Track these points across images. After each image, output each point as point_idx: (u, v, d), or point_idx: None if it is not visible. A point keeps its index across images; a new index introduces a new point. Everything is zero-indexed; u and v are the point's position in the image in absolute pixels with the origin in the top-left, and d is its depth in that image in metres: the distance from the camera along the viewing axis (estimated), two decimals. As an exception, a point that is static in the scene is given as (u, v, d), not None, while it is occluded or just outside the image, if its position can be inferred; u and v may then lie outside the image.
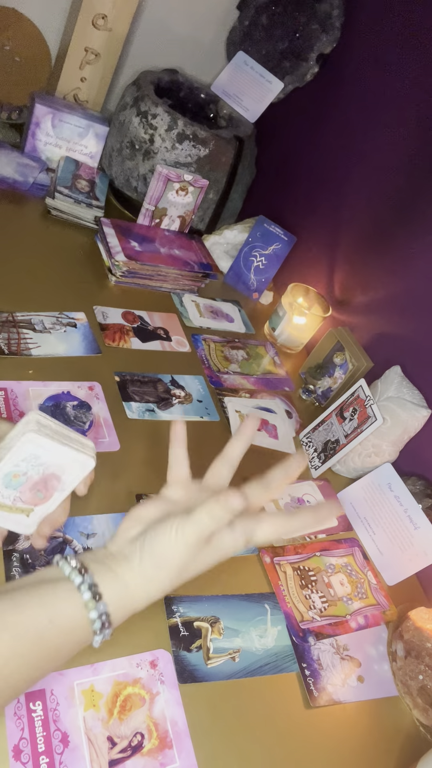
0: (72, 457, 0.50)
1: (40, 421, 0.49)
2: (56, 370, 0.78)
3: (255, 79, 1.14)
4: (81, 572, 0.45)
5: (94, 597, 0.44)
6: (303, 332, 1.03)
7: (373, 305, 0.96)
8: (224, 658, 0.60)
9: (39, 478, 0.51)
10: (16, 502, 0.52)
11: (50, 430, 0.49)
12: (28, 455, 0.49)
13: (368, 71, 1.00)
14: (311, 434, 0.88)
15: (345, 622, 0.69)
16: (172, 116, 1.04)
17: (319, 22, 1.06)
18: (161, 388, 0.85)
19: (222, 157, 1.09)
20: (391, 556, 0.76)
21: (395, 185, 0.93)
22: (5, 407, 0.70)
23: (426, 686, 0.63)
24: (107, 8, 1.09)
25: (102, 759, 0.49)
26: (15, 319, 0.82)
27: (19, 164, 1.09)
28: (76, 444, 0.51)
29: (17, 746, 0.47)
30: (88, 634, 0.45)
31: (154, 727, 0.52)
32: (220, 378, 0.92)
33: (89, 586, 0.45)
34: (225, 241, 1.14)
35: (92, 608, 0.44)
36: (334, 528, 0.79)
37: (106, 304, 0.93)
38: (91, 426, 0.74)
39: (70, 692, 0.52)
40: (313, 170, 1.12)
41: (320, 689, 0.61)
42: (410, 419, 0.81)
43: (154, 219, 1.08)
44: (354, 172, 1.02)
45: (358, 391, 0.85)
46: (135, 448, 0.74)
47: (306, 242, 1.12)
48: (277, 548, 0.72)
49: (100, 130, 1.13)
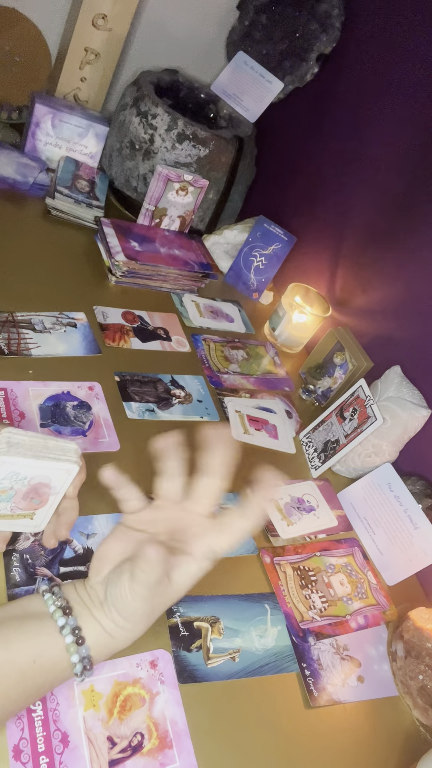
0: (53, 467, 0.50)
1: (11, 440, 0.48)
2: (56, 370, 0.78)
3: (255, 79, 1.14)
4: (65, 613, 0.46)
5: (77, 641, 0.45)
6: (303, 332, 1.03)
7: (373, 305, 0.96)
8: (224, 658, 0.60)
9: (27, 489, 0.51)
10: (14, 511, 0.53)
11: (23, 447, 0.48)
12: (8, 474, 0.49)
13: (368, 71, 1.00)
14: (311, 434, 0.88)
15: (345, 622, 0.69)
16: (172, 116, 1.04)
17: (319, 22, 1.06)
18: (161, 388, 0.85)
19: (222, 157, 1.09)
20: (391, 556, 0.76)
21: (395, 185, 0.93)
22: (5, 407, 0.70)
23: (426, 686, 0.63)
24: (107, 8, 1.09)
25: (102, 759, 0.49)
26: (15, 319, 0.82)
27: (19, 164, 1.09)
28: (56, 451, 0.50)
29: (17, 746, 0.47)
30: (70, 674, 0.46)
31: (154, 727, 0.52)
32: (220, 378, 0.92)
33: (72, 630, 0.46)
34: (225, 241, 1.14)
35: (74, 652, 0.45)
36: (334, 528, 0.79)
37: (106, 304, 0.93)
38: (91, 426, 0.74)
39: (70, 692, 0.51)
40: (313, 170, 1.12)
41: (320, 689, 0.61)
42: (410, 419, 0.81)
43: (154, 219, 1.08)
44: (354, 171, 1.02)
45: (358, 391, 0.85)
46: (135, 448, 0.74)
47: (306, 242, 1.12)
48: (277, 548, 0.73)
49: (100, 130, 1.13)
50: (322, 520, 0.79)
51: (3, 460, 0.47)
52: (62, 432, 0.71)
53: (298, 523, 0.77)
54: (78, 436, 0.72)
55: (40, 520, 0.55)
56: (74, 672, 0.46)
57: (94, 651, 0.47)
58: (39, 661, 0.44)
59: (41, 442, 0.50)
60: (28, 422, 0.70)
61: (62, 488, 0.52)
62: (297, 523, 0.76)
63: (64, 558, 0.60)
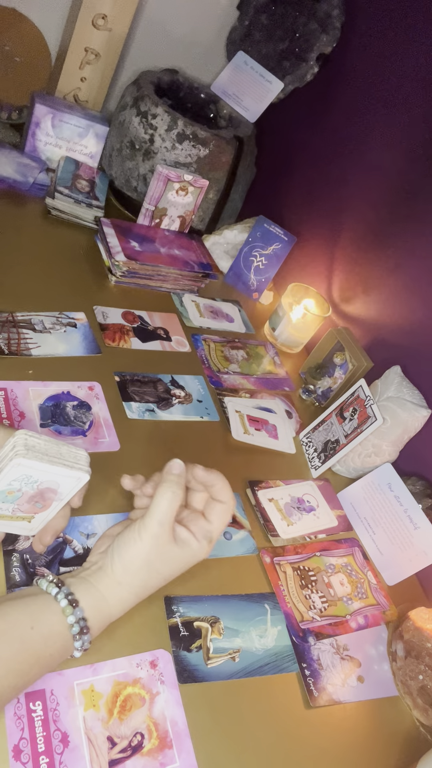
0: (65, 473, 0.50)
1: (28, 443, 0.48)
2: (56, 370, 0.78)
3: (255, 79, 1.14)
4: (58, 585, 0.50)
5: (71, 604, 0.49)
6: (303, 332, 1.03)
7: (373, 305, 0.96)
8: (224, 658, 0.60)
9: (35, 492, 0.51)
10: (15, 513, 0.53)
11: (39, 451, 0.49)
12: (20, 476, 0.49)
13: (368, 71, 1.00)
14: (311, 434, 0.88)
15: (345, 622, 0.69)
16: (172, 116, 1.04)
17: (319, 22, 1.06)
18: (161, 388, 0.85)
19: (222, 157, 1.09)
20: (391, 556, 0.76)
21: (395, 185, 0.93)
22: (5, 407, 0.70)
23: (426, 686, 0.63)
24: (107, 8, 1.09)
25: (102, 759, 0.49)
26: (15, 319, 0.82)
27: (19, 164, 1.09)
28: (69, 459, 0.50)
29: (17, 746, 0.47)
30: (68, 640, 0.49)
31: (154, 727, 0.52)
32: (220, 378, 0.92)
33: (65, 595, 0.49)
34: (225, 241, 1.14)
35: (69, 614, 0.48)
36: (334, 528, 0.79)
37: (106, 304, 0.93)
38: (91, 426, 0.74)
39: (70, 692, 0.52)
40: (313, 170, 1.12)
41: (320, 689, 0.61)
42: (410, 419, 0.81)
43: (154, 219, 1.08)
44: (354, 171, 1.02)
45: (358, 391, 0.85)
46: (135, 448, 0.74)
47: (306, 242, 1.12)
48: (277, 548, 0.73)
49: (100, 130, 1.13)
50: (322, 520, 0.79)
51: (20, 462, 0.47)
52: (62, 432, 0.71)
53: (298, 523, 0.77)
54: (78, 436, 0.72)
55: (37, 524, 0.55)
56: (72, 633, 0.48)
57: (88, 613, 0.49)
58: (37, 627, 0.47)
59: (55, 447, 0.50)
60: (28, 422, 0.70)
61: (68, 495, 0.53)
62: (297, 523, 0.76)
63: (64, 558, 0.60)
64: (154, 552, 0.52)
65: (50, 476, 0.50)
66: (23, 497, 0.51)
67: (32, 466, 0.48)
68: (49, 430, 0.71)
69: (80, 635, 0.49)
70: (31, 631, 0.46)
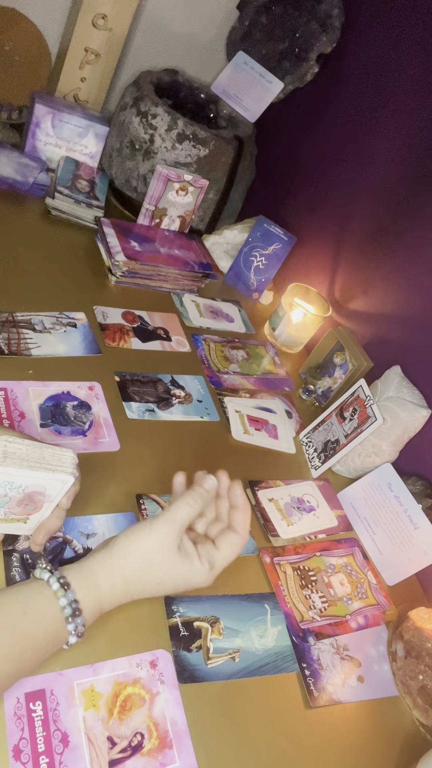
0: (48, 477, 0.50)
1: (7, 450, 0.48)
2: (56, 370, 0.78)
3: (255, 79, 1.14)
4: (50, 571, 0.51)
5: (63, 587, 0.50)
6: (303, 332, 1.03)
7: (373, 305, 0.96)
8: (224, 658, 0.60)
9: (22, 497, 0.51)
10: (8, 515, 0.53)
11: (19, 457, 0.48)
12: (2, 483, 0.49)
13: (368, 71, 1.00)
14: (311, 434, 0.88)
15: (345, 622, 0.69)
16: (172, 116, 1.04)
17: (319, 22, 1.06)
18: (161, 388, 0.85)
19: (222, 157, 1.09)
20: (391, 556, 0.76)
21: (395, 184, 0.93)
22: (5, 407, 0.70)
23: (426, 686, 0.63)
24: (107, 8, 1.09)
25: (102, 759, 0.49)
26: (15, 319, 0.82)
27: (19, 164, 1.09)
28: (53, 462, 0.50)
29: (17, 746, 0.47)
30: (61, 624, 0.49)
31: (154, 727, 0.52)
32: (220, 378, 0.92)
33: (57, 578, 0.50)
34: (225, 241, 1.14)
35: (61, 596, 0.49)
36: (334, 528, 0.79)
37: (106, 304, 0.93)
38: (91, 426, 0.74)
39: (70, 692, 0.51)
40: (313, 170, 1.12)
41: (320, 689, 0.61)
42: (410, 419, 0.81)
43: (154, 219, 1.08)
44: (354, 171, 1.02)
45: (358, 391, 0.85)
46: (135, 448, 0.74)
47: (306, 242, 1.12)
48: (277, 548, 0.73)
49: (100, 130, 1.13)
50: (322, 520, 0.79)
51: None
52: (62, 432, 0.71)
53: (298, 523, 0.77)
54: (78, 436, 0.72)
55: (34, 524, 0.56)
56: (64, 615, 0.49)
57: (80, 595, 0.50)
58: (29, 612, 0.47)
59: (38, 451, 0.50)
60: (28, 422, 0.70)
61: (57, 496, 0.53)
62: (297, 523, 0.76)
63: (64, 558, 0.60)
64: (157, 549, 0.53)
65: (33, 480, 0.50)
66: (12, 501, 0.51)
67: (11, 473, 0.48)
68: (49, 430, 0.71)
69: (73, 618, 0.49)
70: (23, 616, 0.47)
